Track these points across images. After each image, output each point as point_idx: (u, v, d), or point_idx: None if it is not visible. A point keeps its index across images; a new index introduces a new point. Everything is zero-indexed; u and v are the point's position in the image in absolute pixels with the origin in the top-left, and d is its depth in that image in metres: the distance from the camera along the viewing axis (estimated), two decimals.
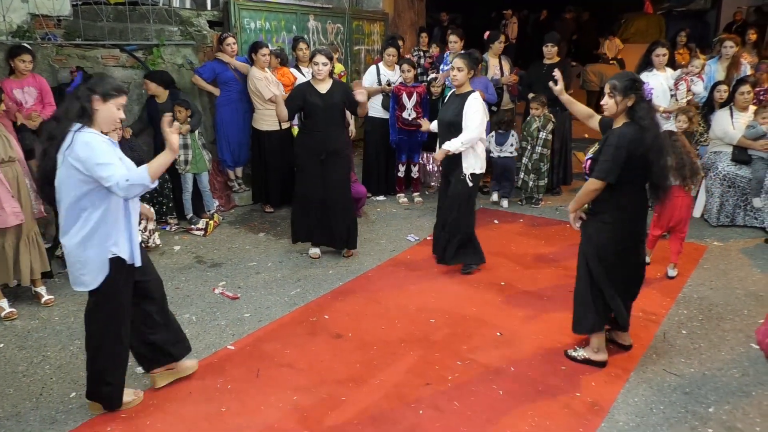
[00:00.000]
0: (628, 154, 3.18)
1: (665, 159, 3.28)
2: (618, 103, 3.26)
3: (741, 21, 12.02)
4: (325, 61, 4.83)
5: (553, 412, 3.17)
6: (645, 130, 3.19)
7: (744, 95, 5.78)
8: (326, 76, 4.90)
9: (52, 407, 3.25)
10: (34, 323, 4.17)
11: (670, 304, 4.37)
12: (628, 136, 3.20)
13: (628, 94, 3.22)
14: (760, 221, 5.76)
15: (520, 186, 6.74)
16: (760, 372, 3.52)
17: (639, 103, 3.24)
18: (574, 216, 3.51)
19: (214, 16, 6.97)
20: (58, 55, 5.72)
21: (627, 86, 3.22)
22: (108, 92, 2.82)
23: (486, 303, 4.42)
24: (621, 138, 3.20)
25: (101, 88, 2.82)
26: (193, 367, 3.51)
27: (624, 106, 3.26)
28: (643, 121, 3.20)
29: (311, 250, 5.28)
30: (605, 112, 3.39)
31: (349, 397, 3.31)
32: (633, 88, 3.23)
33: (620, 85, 3.23)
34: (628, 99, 3.23)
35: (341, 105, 4.96)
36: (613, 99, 3.26)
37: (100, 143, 2.78)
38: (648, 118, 3.22)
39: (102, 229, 2.87)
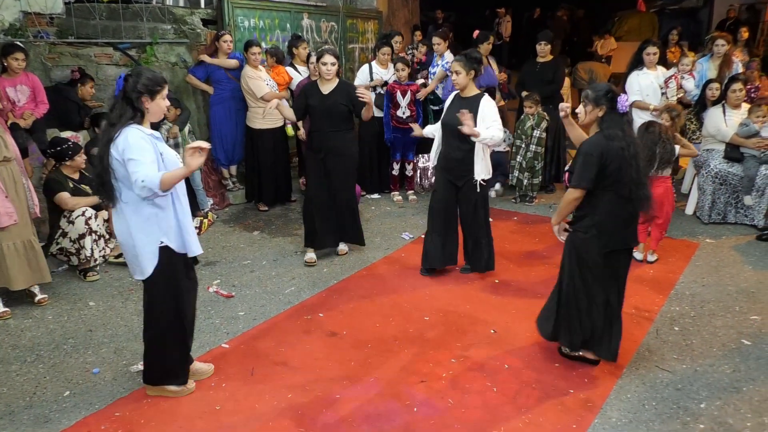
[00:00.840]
0: (600, 163, 3.20)
1: (635, 169, 3.23)
2: (588, 113, 3.32)
3: (733, 19, 12.08)
4: (333, 61, 4.75)
5: (547, 409, 3.19)
6: (610, 140, 3.21)
7: (736, 93, 5.81)
8: (333, 76, 4.82)
9: (45, 406, 3.24)
10: (27, 322, 4.16)
11: (662, 300, 4.39)
12: (597, 145, 3.24)
13: (599, 104, 3.26)
14: (751, 219, 5.80)
15: (514, 184, 6.76)
16: (751, 368, 3.55)
17: (608, 114, 3.26)
18: (558, 228, 3.52)
19: (207, 14, 6.95)
20: (50, 53, 5.70)
21: (598, 96, 3.26)
22: (153, 90, 2.93)
23: (480, 300, 4.43)
24: (590, 146, 3.26)
25: (147, 88, 2.92)
26: (208, 372, 3.49)
27: (594, 116, 3.30)
28: (608, 132, 3.23)
29: (307, 255, 5.14)
30: (578, 120, 3.46)
31: (343, 395, 3.32)
32: (605, 99, 3.24)
33: (592, 95, 3.28)
34: (598, 109, 3.27)
35: (342, 106, 4.82)
36: (585, 108, 3.33)
37: (138, 139, 2.88)
38: (615, 129, 3.22)
39: (152, 220, 2.98)
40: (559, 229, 3.52)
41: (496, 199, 6.89)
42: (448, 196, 4.67)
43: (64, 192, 4.70)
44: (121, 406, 3.24)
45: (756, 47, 10.86)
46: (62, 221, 4.75)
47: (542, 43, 6.80)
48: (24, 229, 4.27)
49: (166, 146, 3.06)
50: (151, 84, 2.92)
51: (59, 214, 4.77)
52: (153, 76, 2.96)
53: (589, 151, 3.23)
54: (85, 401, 3.28)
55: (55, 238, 4.77)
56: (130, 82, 2.92)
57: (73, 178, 4.85)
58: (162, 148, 3.00)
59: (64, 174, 4.81)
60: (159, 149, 2.97)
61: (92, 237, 4.77)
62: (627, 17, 14.09)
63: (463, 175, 4.58)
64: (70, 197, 4.73)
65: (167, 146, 3.09)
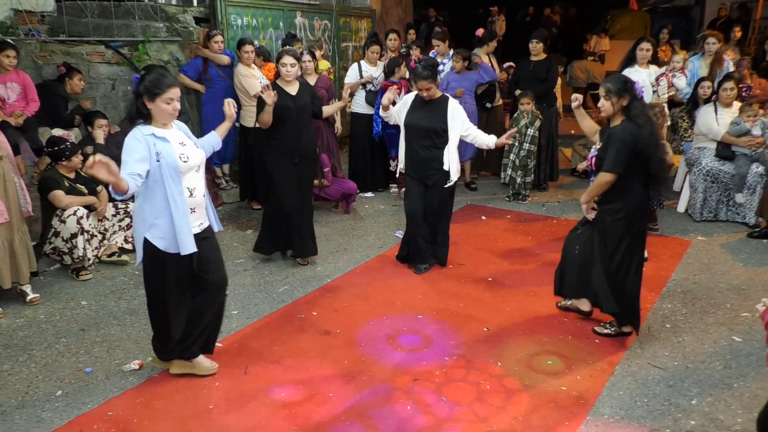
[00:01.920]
0: (633, 148, 3.45)
1: (661, 152, 3.55)
2: (614, 105, 3.53)
3: (725, 17, 12.14)
4: (293, 62, 4.63)
5: (540, 406, 3.20)
6: (641, 127, 3.46)
7: (727, 91, 5.85)
8: (294, 78, 4.71)
9: (38, 406, 3.23)
10: (19, 321, 4.14)
11: (654, 298, 4.42)
12: (630, 132, 3.46)
13: (623, 95, 3.50)
14: (742, 216, 5.84)
15: (507, 182, 6.78)
16: (742, 364, 3.57)
17: (633, 102, 3.51)
18: (587, 207, 3.74)
19: (200, 13, 6.94)
20: (41, 51, 5.67)
21: (621, 88, 3.50)
22: (152, 92, 2.96)
23: (473, 299, 4.45)
24: (623, 133, 3.48)
25: (147, 90, 2.97)
26: (212, 369, 3.49)
27: (619, 106, 3.52)
28: (638, 119, 3.47)
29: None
30: (603, 113, 3.64)
31: (337, 394, 3.32)
32: (626, 89, 3.50)
33: (614, 87, 3.50)
34: (623, 99, 3.50)
35: (311, 107, 4.78)
36: (609, 101, 3.53)
37: (131, 139, 2.99)
38: (643, 116, 3.49)
39: (144, 213, 3.11)
40: (587, 207, 3.74)
41: (489, 198, 6.91)
42: (420, 196, 4.73)
43: (59, 190, 4.68)
44: (114, 405, 3.23)
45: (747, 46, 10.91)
46: (54, 220, 4.72)
47: (534, 41, 6.82)
48: (13, 227, 4.24)
49: (168, 146, 3.04)
50: (151, 86, 2.96)
51: (52, 213, 4.75)
52: (155, 79, 2.98)
53: (623, 138, 3.45)
54: (78, 401, 3.27)
55: (47, 237, 4.75)
56: (141, 83, 3.00)
57: (68, 177, 4.83)
58: (161, 148, 3.01)
59: (60, 173, 4.79)
60: (157, 149, 2.99)
61: (84, 236, 4.75)
62: (619, 16, 14.13)
63: (431, 174, 4.63)
64: (65, 195, 4.71)
65: (170, 146, 3.06)
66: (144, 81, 2.98)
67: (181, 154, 3.08)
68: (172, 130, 3.15)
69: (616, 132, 3.51)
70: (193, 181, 3.16)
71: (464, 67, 6.76)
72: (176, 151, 3.07)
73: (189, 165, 3.11)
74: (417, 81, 4.55)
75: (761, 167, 5.68)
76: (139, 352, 3.74)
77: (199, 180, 3.21)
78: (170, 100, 3.00)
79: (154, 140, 3.01)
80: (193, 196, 3.15)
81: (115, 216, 5.22)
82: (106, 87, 6.08)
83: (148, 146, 2.97)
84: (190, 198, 3.14)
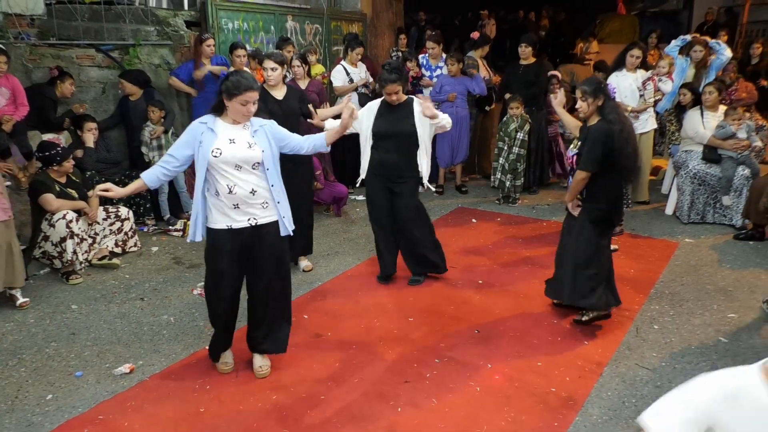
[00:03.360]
0: (604, 147, 3.68)
1: (631, 146, 3.80)
2: (590, 105, 3.78)
3: (712, 22, 12.27)
4: (274, 66, 4.52)
5: (529, 407, 3.23)
6: (612, 123, 3.71)
7: (706, 95, 5.95)
8: (279, 82, 4.61)
9: (27, 410, 3.22)
10: (8, 326, 4.13)
11: (642, 299, 4.46)
12: (602, 131, 3.71)
13: (598, 96, 3.75)
14: (729, 218, 5.91)
15: (497, 186, 6.82)
16: (729, 365, 3.57)
17: (606, 102, 3.77)
18: (572, 205, 3.97)
19: (191, 16, 6.93)
20: (32, 55, 5.64)
21: (596, 89, 3.76)
22: (230, 92, 3.11)
23: (464, 301, 4.47)
24: (597, 133, 3.72)
25: (226, 88, 3.12)
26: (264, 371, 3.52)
27: (595, 106, 3.77)
28: (610, 116, 3.73)
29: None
30: (580, 114, 3.88)
31: (328, 396, 3.33)
32: (601, 90, 3.76)
33: (590, 89, 3.76)
34: (598, 100, 3.76)
35: (299, 111, 4.71)
36: (586, 102, 3.78)
37: (190, 125, 3.26)
38: (614, 114, 3.75)
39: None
40: (573, 205, 3.97)
41: (480, 201, 6.95)
42: (387, 203, 4.60)
43: (50, 193, 4.67)
44: (105, 409, 3.23)
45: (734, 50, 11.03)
46: (43, 224, 4.71)
47: (523, 45, 6.87)
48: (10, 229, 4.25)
49: (212, 138, 3.16)
50: (231, 87, 3.10)
51: (42, 217, 4.73)
52: (236, 81, 3.11)
53: (597, 137, 3.71)
54: (68, 404, 3.26)
55: (37, 241, 4.74)
56: (224, 80, 3.18)
57: (59, 182, 4.82)
58: (205, 138, 3.15)
59: (51, 177, 4.78)
60: (202, 138, 3.16)
61: (74, 240, 4.74)
62: (608, 20, 14.24)
63: (400, 179, 4.50)
64: (55, 199, 4.70)
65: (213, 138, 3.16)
66: (227, 80, 3.14)
67: (216, 149, 3.13)
68: (237, 127, 3.22)
69: (591, 132, 3.76)
70: (234, 178, 3.17)
71: (459, 70, 6.80)
72: (215, 144, 3.14)
73: (221, 160, 3.13)
74: (385, 85, 4.31)
75: (747, 170, 5.75)
76: (130, 355, 3.74)
77: (245, 178, 3.19)
78: (246, 102, 3.13)
79: (203, 129, 3.18)
80: (232, 192, 3.18)
81: (106, 220, 5.21)
82: (97, 90, 6.06)
83: (195, 133, 3.19)
84: (230, 194, 3.18)
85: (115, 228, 5.27)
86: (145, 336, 3.99)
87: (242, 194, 3.19)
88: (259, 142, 3.23)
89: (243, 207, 3.21)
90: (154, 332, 4.05)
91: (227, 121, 3.22)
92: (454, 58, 6.79)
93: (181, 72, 6.30)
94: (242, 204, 3.21)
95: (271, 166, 3.26)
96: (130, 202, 5.80)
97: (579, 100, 3.81)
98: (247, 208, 3.23)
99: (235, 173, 3.17)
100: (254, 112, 3.20)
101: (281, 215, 3.34)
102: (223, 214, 3.22)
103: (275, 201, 3.31)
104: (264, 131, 3.28)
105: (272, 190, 3.28)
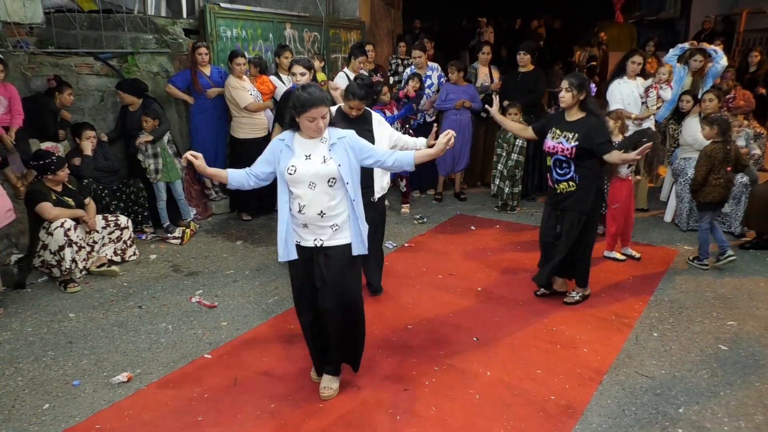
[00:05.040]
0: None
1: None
2: (574, 96, 4.12)
3: (709, 30, 12.33)
4: (303, 71, 4.74)
5: (528, 415, 3.22)
6: (600, 117, 4.25)
7: (706, 102, 5.95)
8: None
9: (24, 419, 3.20)
10: (6, 334, 4.11)
11: (642, 307, 4.46)
12: (600, 122, 4.22)
13: (582, 91, 4.11)
14: (728, 226, 5.91)
15: (495, 193, 6.83)
16: (728, 373, 3.61)
17: (588, 97, 4.17)
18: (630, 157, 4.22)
19: (189, 24, 6.95)
20: (30, 63, 5.65)
21: (582, 84, 4.12)
22: (297, 109, 3.03)
23: (462, 308, 4.46)
24: (600, 124, 4.20)
25: (294, 105, 3.05)
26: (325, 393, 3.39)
27: (577, 99, 4.13)
28: (596, 111, 4.22)
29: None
30: (562, 104, 4.20)
31: (326, 404, 3.32)
32: (585, 87, 4.13)
33: (576, 82, 4.11)
34: (581, 94, 4.11)
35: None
36: (571, 93, 4.11)
37: (268, 147, 3.22)
38: (596, 109, 4.25)
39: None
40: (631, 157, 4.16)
41: (479, 208, 6.95)
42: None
43: (47, 202, 4.66)
44: (102, 418, 3.21)
45: (732, 58, 11.09)
46: (41, 233, 4.71)
47: (521, 52, 6.90)
48: None
49: (288, 155, 3.10)
50: (297, 104, 3.02)
51: (39, 225, 4.72)
52: (302, 98, 2.99)
53: (600, 127, 4.17)
54: (65, 414, 3.24)
55: (36, 251, 4.73)
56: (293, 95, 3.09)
57: (55, 190, 4.82)
58: (283, 155, 3.10)
59: (47, 186, 4.77)
60: (281, 155, 3.11)
61: (72, 248, 4.73)
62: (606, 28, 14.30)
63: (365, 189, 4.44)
64: (53, 207, 4.69)
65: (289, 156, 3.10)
66: (293, 97, 3.04)
67: (291, 166, 3.06)
68: (315, 141, 3.10)
69: (595, 124, 4.13)
70: (306, 197, 3.05)
71: (461, 78, 6.82)
72: (291, 161, 3.07)
73: (295, 178, 3.04)
74: (352, 99, 4.15)
75: (746, 177, 5.75)
76: (128, 364, 3.72)
77: (317, 199, 3.05)
78: (312, 119, 3.01)
79: (281, 146, 3.13)
80: (302, 212, 3.08)
81: (105, 228, 5.20)
82: (95, 98, 6.07)
83: (274, 150, 3.16)
84: (300, 213, 3.09)
85: (114, 236, 5.26)
86: (143, 344, 3.98)
87: (311, 215, 3.08)
88: (335, 156, 3.07)
89: (311, 227, 3.12)
90: (152, 340, 4.03)
91: (304, 137, 3.11)
92: (455, 67, 6.81)
93: (178, 79, 6.31)
94: (311, 224, 3.11)
95: (350, 180, 3.09)
96: (128, 210, 5.80)
97: (564, 91, 4.11)
98: (315, 229, 3.12)
99: (307, 192, 3.05)
100: (325, 126, 3.07)
101: (359, 232, 3.16)
102: (296, 228, 3.16)
103: (355, 216, 3.15)
104: (343, 144, 3.11)
105: (353, 204, 3.12)
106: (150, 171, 5.80)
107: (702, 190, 5.01)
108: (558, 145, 4.20)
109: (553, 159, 4.27)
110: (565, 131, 4.18)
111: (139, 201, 5.84)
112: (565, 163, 4.20)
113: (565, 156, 4.18)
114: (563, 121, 4.24)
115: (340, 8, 9.53)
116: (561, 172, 4.24)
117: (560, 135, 4.21)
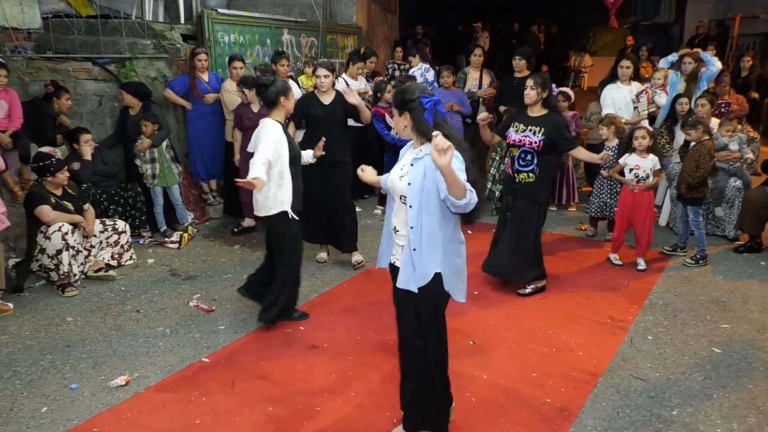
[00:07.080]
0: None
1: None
2: (539, 94, 4.44)
3: (703, 34, 12.41)
4: (326, 74, 4.99)
5: (524, 418, 3.24)
6: (561, 113, 4.68)
7: (698, 107, 5.99)
8: (329, 88, 5.07)
9: (22, 422, 3.22)
10: (3, 338, 4.12)
11: (636, 310, 4.49)
12: (563, 118, 4.59)
13: (545, 89, 4.43)
14: (722, 230, 5.95)
15: (489, 197, 6.85)
16: (722, 375, 3.64)
17: (551, 95, 4.49)
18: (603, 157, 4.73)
19: (187, 30, 6.98)
20: (28, 69, 5.67)
21: (545, 82, 4.45)
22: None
23: (458, 312, 4.48)
24: (562, 120, 4.56)
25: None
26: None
27: (540, 97, 4.45)
28: (558, 108, 4.62)
29: (318, 254, 5.51)
30: (527, 100, 4.49)
31: (324, 408, 3.34)
32: (548, 86, 4.45)
33: (540, 80, 4.45)
34: (544, 92, 4.44)
35: (344, 117, 5.11)
36: (536, 90, 4.43)
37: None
38: (558, 107, 4.67)
39: None
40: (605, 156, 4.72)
41: None
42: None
43: (46, 205, 4.68)
44: (100, 421, 3.22)
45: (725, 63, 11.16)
46: (39, 237, 4.72)
47: (517, 57, 6.94)
48: None
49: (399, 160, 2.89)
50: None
51: (37, 229, 4.74)
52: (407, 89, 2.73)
53: (563, 123, 4.54)
54: (63, 417, 3.26)
55: (34, 255, 4.74)
56: None
57: (55, 194, 4.83)
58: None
59: (47, 189, 4.79)
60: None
61: (70, 252, 4.74)
62: (601, 33, 14.41)
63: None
64: (51, 210, 4.71)
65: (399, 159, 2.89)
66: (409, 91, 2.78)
67: (392, 172, 2.85)
68: (416, 151, 2.76)
69: (559, 120, 4.48)
70: (393, 208, 2.82)
71: (453, 82, 6.90)
72: (395, 168, 2.86)
73: (389, 186, 2.83)
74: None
75: (739, 181, 5.81)
76: (126, 367, 3.74)
77: (397, 211, 2.80)
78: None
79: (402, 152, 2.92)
80: (398, 232, 2.81)
81: (103, 232, 5.22)
82: (93, 103, 6.09)
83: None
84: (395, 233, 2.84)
85: (112, 241, 5.27)
86: (141, 348, 3.99)
87: (390, 227, 2.87)
88: (412, 171, 2.68)
89: (394, 241, 2.90)
90: (150, 344, 4.04)
91: (414, 145, 2.83)
92: (449, 71, 6.87)
93: (176, 85, 6.34)
94: (393, 238, 2.89)
95: (415, 203, 2.63)
96: (126, 214, 5.81)
97: (529, 89, 4.43)
98: (397, 248, 2.87)
99: (398, 202, 2.79)
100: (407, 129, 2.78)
101: (412, 265, 2.72)
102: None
103: (410, 247, 2.69)
104: (425, 161, 2.62)
105: (410, 232, 2.68)
106: (147, 176, 5.82)
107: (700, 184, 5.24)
108: (525, 138, 4.50)
109: (519, 150, 4.57)
110: (530, 125, 4.50)
111: (136, 205, 5.86)
112: (530, 155, 4.52)
113: (531, 149, 4.49)
114: (526, 116, 4.56)
115: (337, 14, 9.58)
116: (523, 163, 4.56)
117: (525, 129, 4.52)
